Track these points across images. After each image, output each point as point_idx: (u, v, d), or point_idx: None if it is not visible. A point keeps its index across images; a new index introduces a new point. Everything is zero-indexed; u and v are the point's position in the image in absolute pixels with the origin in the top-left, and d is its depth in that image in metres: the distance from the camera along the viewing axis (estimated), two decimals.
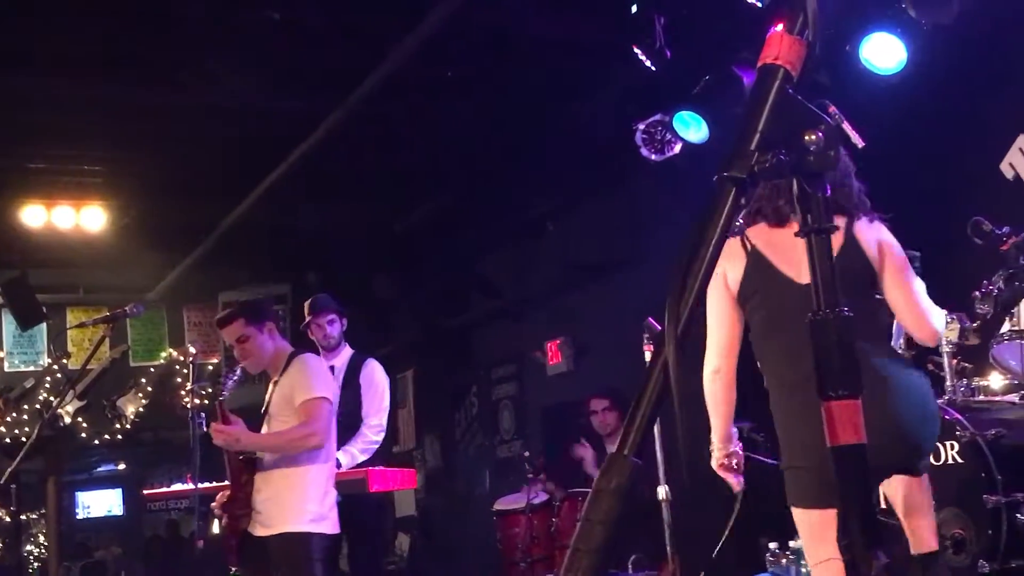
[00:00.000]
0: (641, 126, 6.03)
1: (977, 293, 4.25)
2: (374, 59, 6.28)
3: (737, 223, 3.62)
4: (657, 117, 6.01)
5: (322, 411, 4.46)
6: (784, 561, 4.50)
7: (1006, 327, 4.18)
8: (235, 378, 4.84)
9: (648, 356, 4.84)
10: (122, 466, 15.87)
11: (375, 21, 6.07)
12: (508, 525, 6.22)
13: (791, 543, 4.48)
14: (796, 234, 1.19)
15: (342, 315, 5.93)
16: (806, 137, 1.15)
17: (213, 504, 4.71)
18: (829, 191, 1.18)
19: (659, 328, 5.04)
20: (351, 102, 6.62)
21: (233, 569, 4.78)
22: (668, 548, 4.31)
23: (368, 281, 10.09)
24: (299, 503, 4.46)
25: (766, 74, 1.16)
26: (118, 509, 16.92)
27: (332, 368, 5.54)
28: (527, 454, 6.89)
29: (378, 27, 6.11)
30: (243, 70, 6.41)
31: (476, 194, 8.47)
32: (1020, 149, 5.80)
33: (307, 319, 5.89)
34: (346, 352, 5.92)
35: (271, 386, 4.68)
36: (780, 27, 1.17)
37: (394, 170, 8.29)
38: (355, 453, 5.59)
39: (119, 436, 10.53)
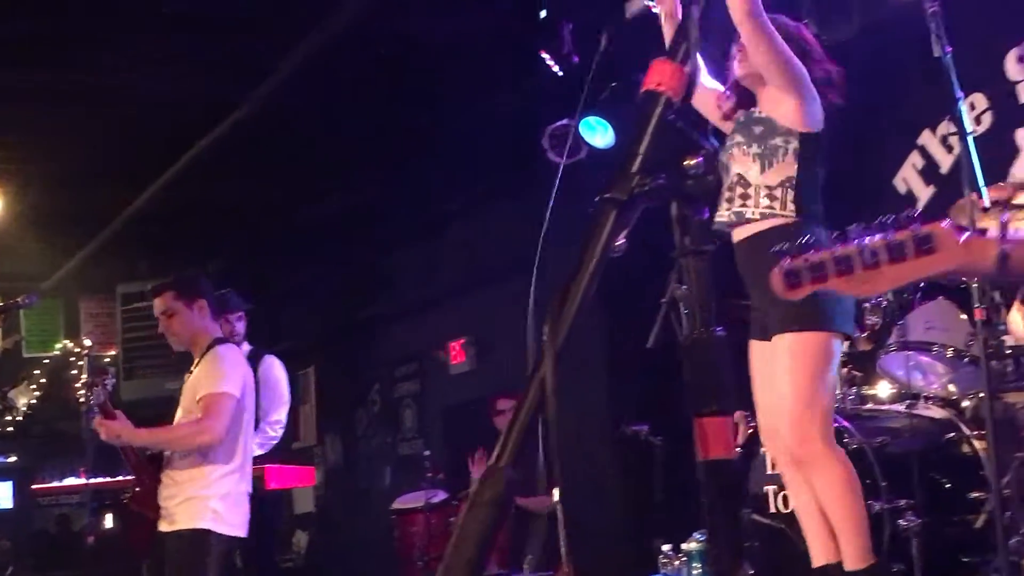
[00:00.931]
0: (548, 130, 6.10)
1: (867, 304, 4.39)
2: (281, 52, 6.22)
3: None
4: (564, 121, 6.07)
5: (221, 408, 4.31)
6: (677, 563, 4.59)
7: (893, 337, 4.32)
8: (108, 387, 4.71)
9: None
10: (13, 459, 15.31)
11: (280, 15, 6.01)
12: (406, 524, 6.23)
13: (683, 545, 4.56)
14: (672, 255, 1.23)
15: (240, 312, 5.86)
16: (686, 162, 1.18)
17: (126, 498, 4.63)
18: (707, 214, 1.21)
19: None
20: (255, 95, 6.53)
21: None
22: (563, 550, 4.36)
23: (269, 275, 9.97)
24: (200, 500, 4.35)
25: (648, 100, 1.19)
26: (7, 502, 16.34)
27: None
28: (427, 453, 6.93)
29: (284, 21, 6.05)
30: (141, 60, 6.28)
31: (381, 191, 8.44)
32: (913, 165, 6.01)
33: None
34: (245, 347, 5.86)
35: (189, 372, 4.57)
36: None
37: (297, 164, 8.21)
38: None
39: (10, 428, 10.18)
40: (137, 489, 4.59)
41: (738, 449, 4.40)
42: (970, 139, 3.62)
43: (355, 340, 10.08)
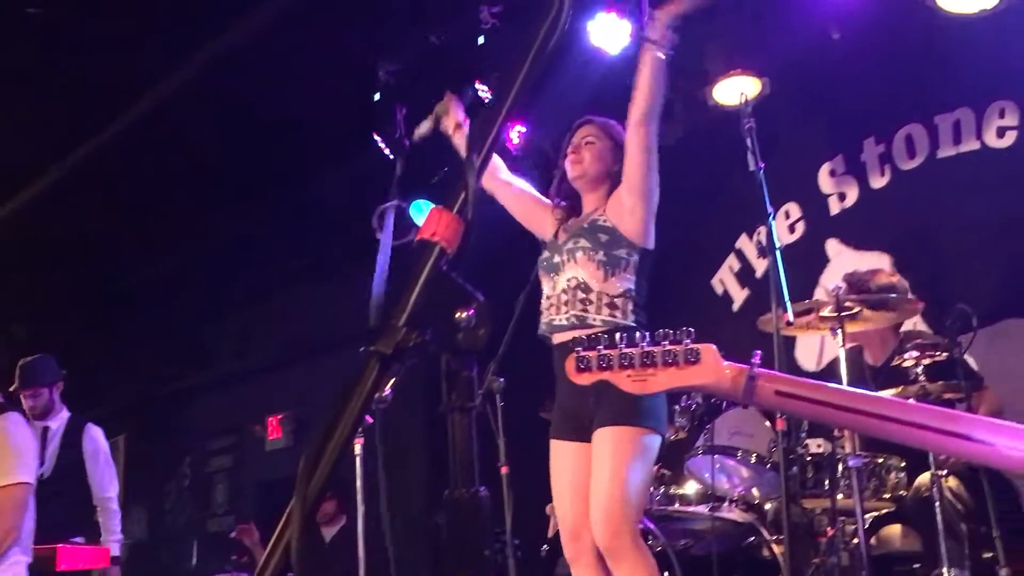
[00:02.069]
0: (378, 210, 6.04)
1: (677, 407, 4.47)
2: (107, 114, 5.98)
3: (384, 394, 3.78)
4: (394, 202, 6.03)
5: (18, 500, 3.97)
6: None
7: (701, 440, 4.39)
8: None
9: (359, 448, 4.72)
10: None
11: (109, 76, 5.78)
12: None
13: None
14: (439, 409, 1.16)
15: (56, 381, 5.49)
16: (457, 315, 1.12)
17: None
18: (475, 370, 1.15)
19: (370, 419, 4.94)
20: (71, 157, 6.25)
21: None
22: None
23: (81, 339, 9.46)
24: None
25: (422, 250, 1.13)
26: None
27: (47, 429, 5.32)
28: (233, 535, 6.65)
29: (112, 83, 5.82)
30: None
31: (200, 261, 8.18)
32: (730, 267, 6.22)
33: (15, 385, 5.41)
34: (63, 414, 5.52)
35: None
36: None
37: (113, 230, 7.87)
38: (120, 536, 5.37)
39: None
40: None
41: (545, 547, 4.35)
42: (778, 253, 3.73)
43: (169, 410, 9.74)
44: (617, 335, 1.69)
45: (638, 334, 1.67)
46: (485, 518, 1.15)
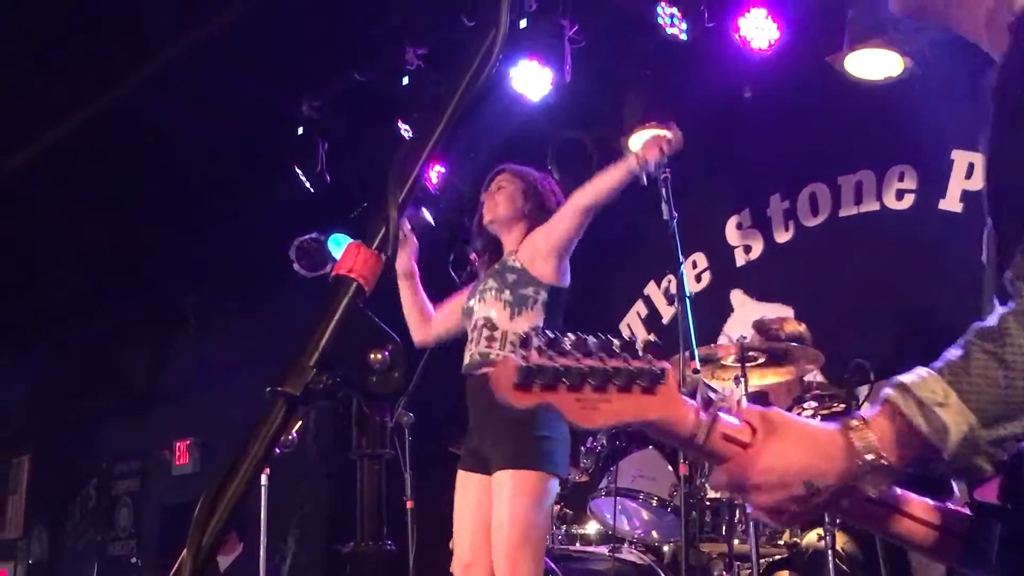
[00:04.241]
0: (296, 242, 6.01)
1: (583, 448, 4.51)
2: (23, 137, 5.84)
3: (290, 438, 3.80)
4: (313, 235, 6.01)
5: None
6: None
7: (604, 482, 4.44)
8: None
9: (264, 479, 4.69)
10: None
11: (27, 100, 5.65)
12: None
13: None
14: (350, 456, 1.15)
15: None
16: (371, 356, 1.11)
17: None
18: (389, 415, 1.15)
19: (277, 451, 4.87)
20: None
21: None
22: None
23: None
24: None
25: (338, 287, 1.11)
26: None
27: None
28: (135, 560, 6.52)
29: (29, 107, 5.69)
30: None
31: (115, 283, 8.00)
32: (637, 313, 6.32)
33: None
34: None
35: None
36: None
37: (27, 247, 7.63)
38: None
39: None
40: None
41: None
42: (688, 303, 3.82)
43: (76, 431, 9.47)
44: (566, 338, 1.22)
45: (591, 340, 1.20)
46: (392, 572, 1.14)
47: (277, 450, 1.08)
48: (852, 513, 1.34)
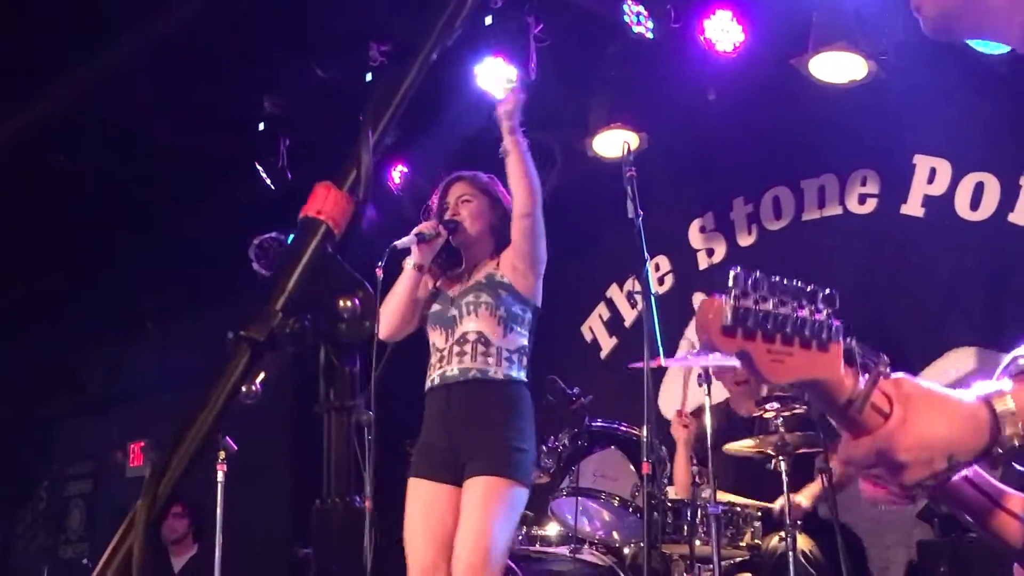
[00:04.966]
0: (256, 241, 5.91)
1: (544, 447, 4.45)
2: None
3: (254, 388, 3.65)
4: (273, 235, 5.92)
5: None
6: None
7: (566, 482, 4.38)
8: None
9: (221, 476, 4.62)
10: None
11: None
12: None
13: None
14: (314, 409, 1.08)
15: None
16: (340, 303, 1.04)
17: None
18: (358, 365, 1.08)
19: (235, 448, 4.78)
20: None
21: None
22: None
23: None
24: None
25: (306, 229, 1.05)
26: None
27: None
28: (86, 561, 6.39)
29: None
30: None
31: (71, 285, 7.84)
32: (599, 316, 6.29)
33: None
34: None
35: None
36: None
37: None
38: None
39: None
40: None
41: None
42: (653, 300, 3.79)
43: (28, 434, 9.27)
44: (765, 280, 1.12)
45: (785, 284, 1.11)
46: (361, 532, 1.07)
47: (242, 400, 1.01)
48: (953, 497, 1.32)
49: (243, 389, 1.01)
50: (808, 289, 1.12)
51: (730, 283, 1.09)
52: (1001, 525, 1.36)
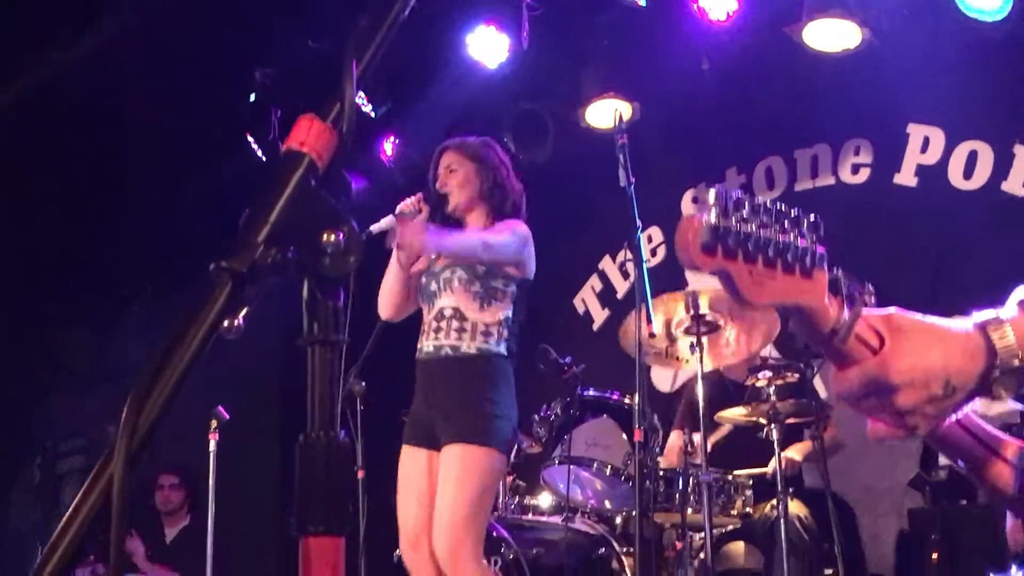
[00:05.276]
0: (246, 213, 5.87)
1: (536, 417, 4.45)
2: None
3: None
4: None
5: None
6: None
7: (558, 451, 4.38)
8: None
9: (213, 445, 4.63)
10: None
11: None
12: None
13: None
14: (298, 343, 1.06)
15: None
16: (324, 237, 1.03)
17: None
18: (343, 299, 1.07)
19: (227, 417, 4.77)
20: None
21: None
22: None
23: None
24: None
25: (288, 160, 1.03)
26: None
27: None
28: None
29: None
30: None
31: (63, 261, 7.81)
32: (592, 287, 6.28)
33: None
34: None
35: None
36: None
37: None
38: None
39: None
40: None
41: (398, 552, 4.23)
42: (645, 267, 3.77)
43: (18, 411, 9.23)
44: (746, 200, 1.09)
45: (769, 206, 1.09)
46: (346, 467, 1.06)
47: (224, 335, 0.99)
48: (950, 443, 1.32)
49: (225, 324, 0.99)
50: (793, 214, 1.09)
51: (710, 200, 1.06)
52: (995, 472, 1.36)
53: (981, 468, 1.37)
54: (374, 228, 3.48)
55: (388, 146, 6.34)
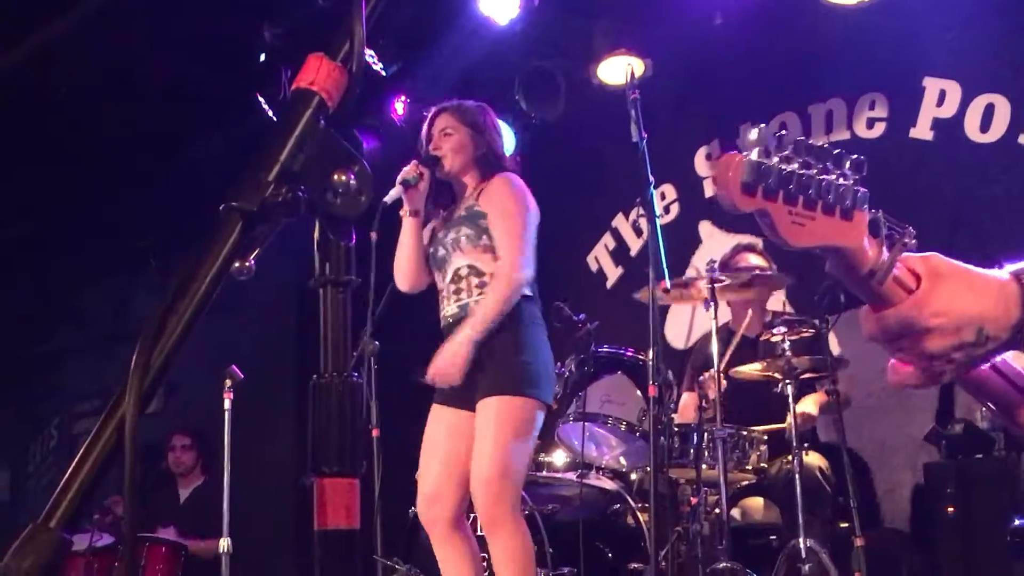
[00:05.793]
0: None
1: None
2: None
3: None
4: None
5: None
6: None
7: (572, 408, 4.39)
8: None
9: (228, 404, 4.65)
10: None
11: None
12: (66, 569, 5.59)
13: None
14: (311, 284, 1.06)
15: None
16: (335, 177, 1.02)
17: None
18: (354, 240, 1.06)
19: (241, 376, 4.79)
20: None
21: None
22: None
23: None
24: None
25: (298, 99, 1.02)
26: None
27: None
28: (106, 502, 6.43)
29: None
30: None
31: (75, 222, 7.81)
32: (605, 246, 6.26)
33: None
34: None
35: None
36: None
37: None
38: None
39: None
40: None
41: (412, 510, 4.27)
42: (658, 222, 3.75)
43: (36, 371, 9.31)
44: (790, 139, 1.08)
45: (811, 145, 1.09)
46: (358, 407, 1.06)
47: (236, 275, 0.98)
48: (982, 385, 1.29)
49: (236, 264, 0.99)
50: (835, 152, 1.08)
51: (753, 138, 1.03)
52: None
53: (1013, 412, 1.35)
54: (387, 199, 3.47)
55: (400, 106, 6.30)
